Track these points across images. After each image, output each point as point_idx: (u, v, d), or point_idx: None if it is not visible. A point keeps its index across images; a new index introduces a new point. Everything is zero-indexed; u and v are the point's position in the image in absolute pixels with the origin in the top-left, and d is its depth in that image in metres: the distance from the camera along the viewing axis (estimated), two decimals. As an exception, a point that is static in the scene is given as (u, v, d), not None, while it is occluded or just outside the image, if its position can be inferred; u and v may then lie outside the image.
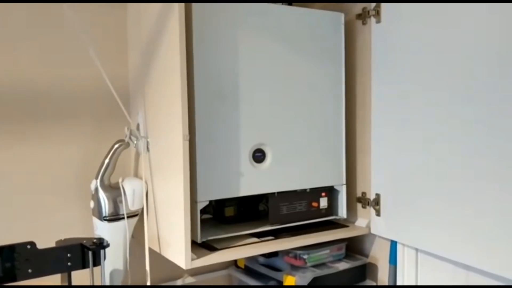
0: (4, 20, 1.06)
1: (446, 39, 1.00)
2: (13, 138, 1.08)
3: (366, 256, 1.27)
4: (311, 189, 1.17)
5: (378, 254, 1.24)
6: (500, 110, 0.90)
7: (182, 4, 0.94)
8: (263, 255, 1.20)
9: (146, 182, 1.10)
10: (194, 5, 0.99)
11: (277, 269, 1.20)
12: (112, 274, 1.06)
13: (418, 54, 1.06)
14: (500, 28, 0.89)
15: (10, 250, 0.84)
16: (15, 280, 0.85)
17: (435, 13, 1.02)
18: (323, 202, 1.20)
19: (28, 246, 0.86)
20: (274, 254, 1.18)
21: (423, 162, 1.06)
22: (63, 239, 0.94)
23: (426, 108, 1.05)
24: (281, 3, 1.36)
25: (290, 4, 1.37)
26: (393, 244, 1.18)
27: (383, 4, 1.15)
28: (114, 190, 1.06)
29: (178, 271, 1.29)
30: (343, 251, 1.24)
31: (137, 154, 1.16)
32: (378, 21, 1.16)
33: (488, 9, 0.91)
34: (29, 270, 0.86)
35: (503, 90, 0.89)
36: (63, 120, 1.13)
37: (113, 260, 1.05)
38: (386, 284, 1.21)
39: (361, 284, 1.24)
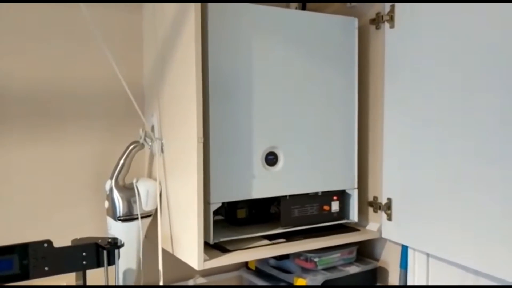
0: (20, 21, 1.08)
1: (460, 44, 1.00)
2: (30, 138, 1.10)
3: (377, 260, 1.27)
4: (322, 192, 1.18)
5: (389, 259, 1.25)
6: (514, 117, 0.90)
7: (198, 5, 0.95)
8: (274, 257, 1.21)
9: (160, 183, 1.11)
10: (210, 6, 1.00)
11: (288, 272, 1.21)
12: (125, 273, 1.07)
13: (432, 59, 1.06)
14: (514, 34, 0.89)
15: (27, 248, 0.86)
16: (31, 277, 0.87)
17: (450, 19, 1.02)
18: (335, 206, 1.20)
19: (45, 245, 0.88)
20: (285, 256, 1.19)
21: (435, 167, 1.06)
22: (78, 238, 0.96)
23: (439, 112, 1.05)
24: (295, 5, 1.38)
25: (303, 8, 1.38)
26: (404, 249, 1.18)
27: (397, 9, 1.15)
28: (128, 191, 1.07)
29: (189, 272, 1.30)
30: (354, 254, 1.24)
31: (152, 156, 1.17)
32: (392, 26, 1.17)
33: (505, 14, 0.91)
34: (46, 268, 0.88)
35: (517, 97, 0.89)
36: (78, 121, 1.15)
37: (127, 259, 1.06)
38: (397, 288, 1.21)
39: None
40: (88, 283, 0.95)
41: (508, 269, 0.92)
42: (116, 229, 1.06)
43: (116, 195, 1.06)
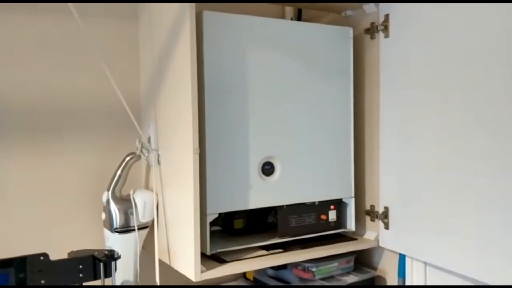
0: (18, 34, 1.09)
1: (455, 53, 1.01)
2: (26, 150, 1.10)
3: (375, 269, 1.27)
4: (320, 202, 1.18)
5: (387, 267, 1.24)
6: None
7: (194, 15, 0.95)
8: (272, 268, 1.21)
9: (156, 194, 1.11)
10: (205, 16, 1.01)
11: (286, 282, 1.21)
12: (122, 285, 1.07)
13: (427, 68, 1.07)
14: None
15: (24, 261, 0.86)
16: (28, 291, 0.86)
17: (444, 28, 1.03)
18: (332, 215, 1.20)
19: (41, 258, 0.87)
20: (283, 266, 1.19)
21: (432, 175, 1.06)
22: (75, 250, 0.96)
23: (434, 121, 1.05)
24: (290, 15, 1.40)
25: (299, 18, 1.39)
26: (402, 258, 1.18)
27: (391, 19, 1.16)
28: (125, 202, 1.07)
29: (187, 283, 1.29)
30: (351, 264, 1.24)
31: (148, 167, 1.17)
32: (387, 36, 1.17)
33: (501, 21, 0.92)
34: (42, 281, 0.87)
35: None
36: (75, 133, 1.15)
37: (124, 271, 1.06)
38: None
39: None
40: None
41: (507, 277, 0.92)
42: (113, 241, 1.06)
43: (113, 206, 1.06)
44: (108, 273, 0.93)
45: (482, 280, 0.97)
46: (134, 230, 1.06)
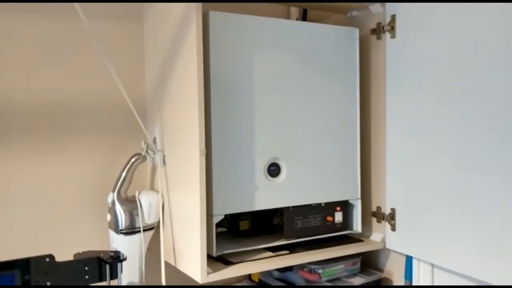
0: (21, 34, 1.08)
1: (461, 54, 1.00)
2: (31, 152, 1.10)
3: (381, 271, 1.26)
4: (326, 203, 1.17)
5: (393, 269, 1.24)
6: (517, 126, 0.89)
7: (200, 15, 0.95)
8: (278, 269, 1.20)
9: (162, 196, 1.11)
10: (211, 17, 1.00)
11: (292, 283, 1.20)
12: (128, 285, 1.06)
13: (433, 69, 1.06)
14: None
15: (29, 263, 0.85)
16: (33, 292, 0.86)
17: (451, 28, 1.02)
18: (338, 217, 1.19)
19: (47, 259, 0.87)
20: (289, 268, 1.18)
21: (439, 177, 1.06)
22: (80, 252, 0.95)
23: (441, 122, 1.05)
24: (296, 16, 1.39)
25: (304, 19, 1.39)
26: (409, 259, 1.17)
27: (397, 19, 1.16)
28: (130, 203, 1.07)
29: (193, 284, 1.29)
30: (358, 265, 1.23)
31: (154, 168, 1.17)
32: (393, 36, 1.17)
33: (506, 21, 0.91)
34: (48, 283, 0.87)
35: (520, 106, 0.89)
36: (80, 134, 1.15)
37: (129, 273, 1.05)
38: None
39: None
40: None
41: (514, 279, 0.91)
42: (119, 242, 1.05)
43: (118, 208, 1.05)
44: (114, 275, 0.93)
45: (490, 282, 0.96)
46: (139, 231, 1.06)
